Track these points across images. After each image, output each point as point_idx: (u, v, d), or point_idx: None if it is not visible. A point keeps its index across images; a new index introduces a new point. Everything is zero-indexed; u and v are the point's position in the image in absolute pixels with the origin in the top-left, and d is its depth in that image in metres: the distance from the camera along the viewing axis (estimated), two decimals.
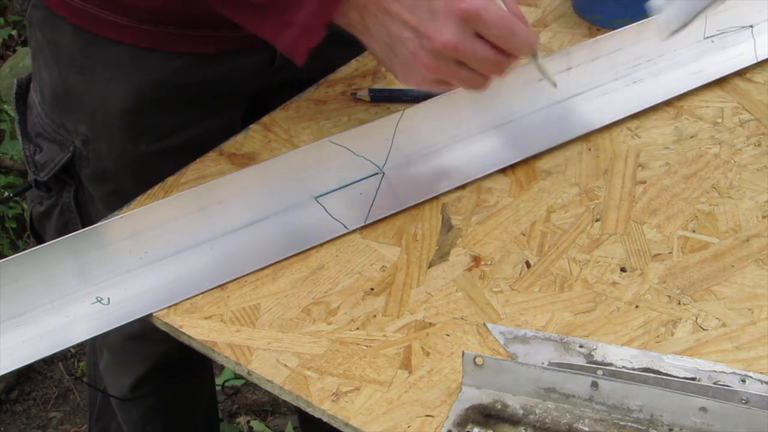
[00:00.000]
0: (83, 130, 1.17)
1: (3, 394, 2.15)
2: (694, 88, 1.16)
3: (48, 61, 1.17)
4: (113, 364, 1.42)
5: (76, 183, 1.23)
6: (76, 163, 1.20)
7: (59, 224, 1.25)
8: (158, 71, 1.13)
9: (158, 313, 0.96)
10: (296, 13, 0.94)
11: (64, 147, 1.19)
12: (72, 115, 1.17)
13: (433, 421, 0.85)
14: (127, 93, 1.13)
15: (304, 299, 0.96)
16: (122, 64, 1.12)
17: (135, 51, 1.12)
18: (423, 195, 1.05)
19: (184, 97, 1.16)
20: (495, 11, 0.90)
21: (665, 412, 0.81)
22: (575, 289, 0.95)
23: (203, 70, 1.14)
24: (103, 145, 1.17)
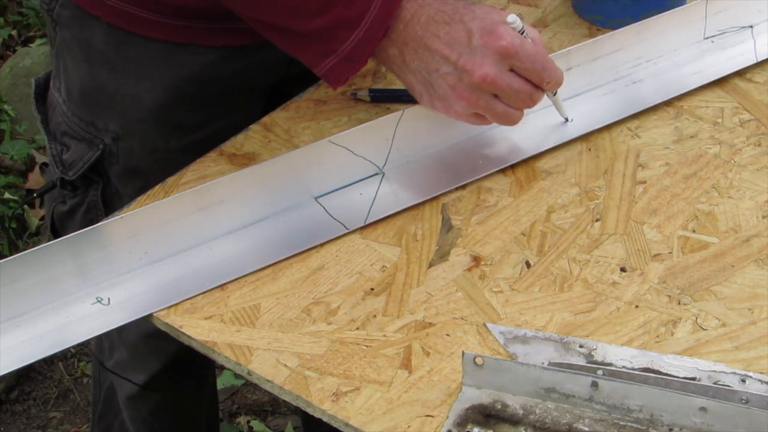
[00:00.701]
0: (114, 128, 1.19)
1: (3, 394, 2.15)
2: (694, 88, 1.16)
3: (78, 59, 1.18)
4: (129, 360, 1.42)
5: (103, 181, 1.24)
6: (105, 160, 1.21)
7: (84, 222, 1.26)
8: (188, 67, 1.15)
9: (158, 313, 0.96)
10: (341, 44, 1.01)
11: (93, 145, 1.20)
12: (103, 113, 1.19)
13: (433, 421, 0.85)
14: (159, 90, 1.15)
15: (304, 299, 0.96)
16: (154, 62, 1.14)
17: (167, 48, 1.13)
18: (423, 195, 1.05)
19: (212, 92, 1.17)
20: (530, 48, 0.98)
21: (665, 412, 0.81)
22: (575, 289, 0.95)
23: (230, 63, 1.16)
24: (135, 142, 1.19)
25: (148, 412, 1.50)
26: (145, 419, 1.51)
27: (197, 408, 1.60)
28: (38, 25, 3.00)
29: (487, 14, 0.99)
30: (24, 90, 2.64)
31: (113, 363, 1.45)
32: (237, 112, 1.21)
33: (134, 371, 1.43)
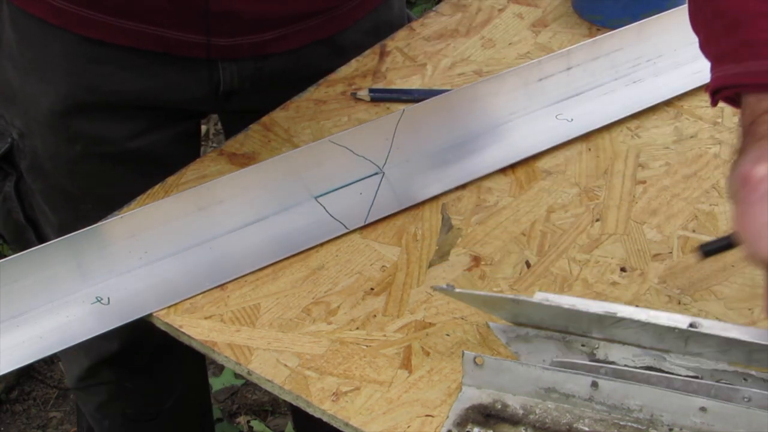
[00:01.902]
0: (18, 124, 1.18)
1: (3, 394, 2.15)
2: (694, 88, 1.16)
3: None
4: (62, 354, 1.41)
5: (17, 174, 1.23)
6: (15, 154, 1.20)
7: (3, 211, 1.26)
8: (88, 77, 1.12)
9: (158, 313, 0.96)
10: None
11: (4, 137, 1.20)
12: (10, 108, 1.18)
13: (433, 421, 0.85)
14: (55, 95, 1.13)
15: (304, 299, 0.96)
16: (52, 64, 1.12)
17: (68, 48, 1.11)
18: (423, 195, 1.05)
19: (122, 106, 1.15)
20: None
21: (665, 412, 0.81)
22: (575, 289, 0.95)
23: (135, 80, 1.13)
24: (37, 143, 1.18)
25: (95, 408, 1.47)
26: (93, 415, 1.49)
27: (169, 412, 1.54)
28: None
29: None
30: None
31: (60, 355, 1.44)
32: (162, 130, 1.19)
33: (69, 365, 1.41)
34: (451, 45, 1.25)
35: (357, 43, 1.22)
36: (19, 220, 1.26)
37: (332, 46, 1.21)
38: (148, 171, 1.10)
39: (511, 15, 1.29)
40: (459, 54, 1.24)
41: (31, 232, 1.27)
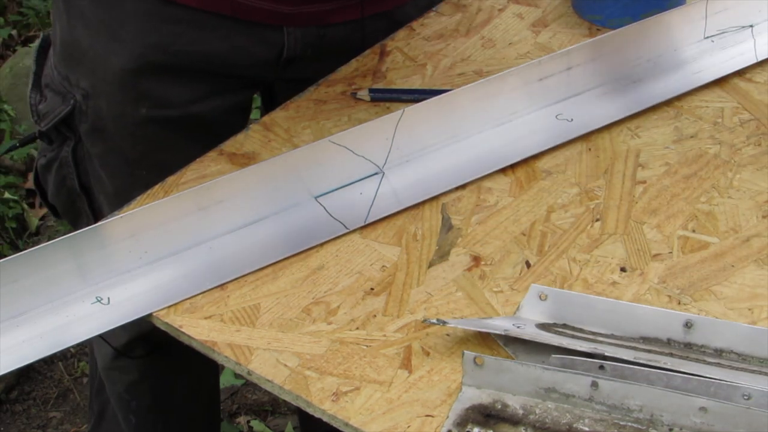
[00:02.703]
0: (84, 85, 1.18)
1: (3, 394, 2.15)
2: (694, 88, 1.16)
3: (60, 11, 1.18)
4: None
5: (75, 138, 1.23)
6: (76, 117, 1.20)
7: (58, 178, 1.26)
8: (159, 35, 1.14)
9: (158, 313, 0.96)
10: None
11: (66, 99, 1.20)
12: (76, 69, 1.19)
13: (433, 421, 0.85)
14: (127, 54, 1.14)
15: (304, 299, 0.96)
16: (126, 25, 1.13)
17: (140, 8, 1.12)
18: (423, 195, 1.05)
19: (188, 68, 1.16)
20: None
21: (665, 412, 0.81)
22: (575, 289, 0.95)
23: (205, 41, 1.15)
24: (102, 103, 1.18)
25: (124, 388, 1.47)
26: (121, 396, 1.48)
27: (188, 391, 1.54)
28: (38, 25, 3.00)
29: None
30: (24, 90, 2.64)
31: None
32: (219, 98, 1.20)
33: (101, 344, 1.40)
34: (451, 45, 1.25)
35: (413, 18, 1.25)
36: (73, 187, 1.26)
37: (390, 21, 1.24)
38: (203, 139, 1.12)
39: (511, 15, 1.29)
40: (459, 54, 1.24)
41: (84, 201, 1.27)
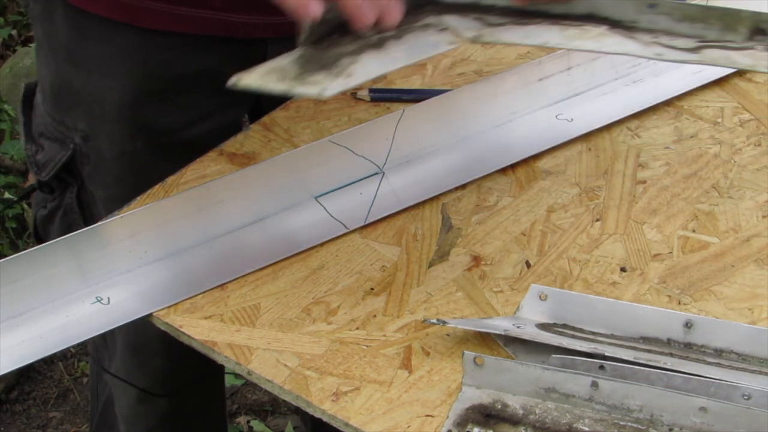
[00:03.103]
0: (82, 127, 1.17)
1: (3, 394, 2.15)
2: (694, 88, 1.16)
3: (47, 56, 1.17)
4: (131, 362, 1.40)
5: (78, 183, 1.21)
6: (77, 160, 1.19)
7: (63, 226, 1.24)
8: (151, 63, 1.13)
9: (158, 313, 0.96)
10: None
11: (65, 145, 1.18)
12: (71, 111, 1.17)
13: (433, 421, 0.85)
14: (122, 88, 1.13)
15: (304, 299, 0.96)
16: (116, 58, 1.12)
17: (129, 40, 1.11)
18: (423, 195, 1.05)
19: (180, 92, 1.15)
20: None
21: (665, 412, 0.81)
22: (575, 288, 0.95)
23: (195, 59, 1.14)
24: (103, 142, 1.17)
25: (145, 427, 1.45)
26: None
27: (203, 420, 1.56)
28: None
29: None
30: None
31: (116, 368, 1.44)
32: (219, 116, 1.18)
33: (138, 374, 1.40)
34: None
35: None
36: None
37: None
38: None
39: None
40: (459, 54, 1.24)
41: None
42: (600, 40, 0.93)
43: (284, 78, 0.85)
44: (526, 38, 0.93)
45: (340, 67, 0.86)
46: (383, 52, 0.89)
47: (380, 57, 0.89)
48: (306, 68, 0.86)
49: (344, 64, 0.87)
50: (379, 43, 0.89)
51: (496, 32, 0.93)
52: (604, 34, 0.93)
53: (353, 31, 0.87)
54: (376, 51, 0.89)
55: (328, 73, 0.86)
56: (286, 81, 0.84)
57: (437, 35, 0.91)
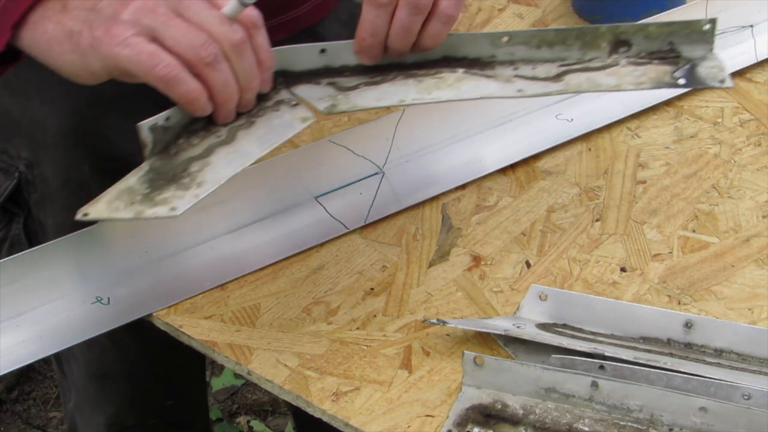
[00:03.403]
0: (26, 155, 1.13)
1: (3, 394, 2.15)
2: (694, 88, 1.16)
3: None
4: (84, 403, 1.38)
5: (25, 213, 1.18)
6: (24, 189, 1.15)
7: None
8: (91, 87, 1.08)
9: (158, 313, 0.96)
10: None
11: (9, 174, 1.14)
12: (13, 140, 1.13)
13: (433, 421, 0.85)
14: (62, 113, 1.09)
15: (304, 299, 0.96)
16: (52, 83, 1.05)
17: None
18: (423, 195, 1.05)
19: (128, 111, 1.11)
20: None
21: (665, 412, 0.81)
22: (575, 288, 0.95)
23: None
24: (48, 170, 1.13)
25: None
26: None
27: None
28: None
29: None
30: None
31: (72, 406, 1.41)
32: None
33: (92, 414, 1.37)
34: None
35: (338, 35, 1.22)
36: None
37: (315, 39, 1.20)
38: None
39: (511, 15, 1.29)
40: None
41: None
42: (458, 87, 0.91)
43: (133, 201, 0.81)
44: (380, 100, 0.91)
45: (190, 176, 0.83)
46: (234, 147, 0.85)
47: (232, 155, 0.85)
48: (154, 185, 0.83)
49: (194, 172, 0.83)
50: (229, 137, 0.86)
51: (350, 97, 0.91)
52: (461, 78, 0.91)
53: (200, 129, 0.84)
54: (226, 147, 0.85)
55: (177, 186, 0.82)
56: (135, 205, 0.81)
57: (290, 113, 0.89)
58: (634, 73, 0.92)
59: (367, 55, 0.91)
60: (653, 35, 0.92)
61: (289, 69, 0.90)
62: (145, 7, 0.79)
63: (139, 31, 0.79)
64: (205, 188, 0.82)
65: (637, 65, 0.93)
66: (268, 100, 0.89)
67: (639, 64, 0.93)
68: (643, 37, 0.93)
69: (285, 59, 0.90)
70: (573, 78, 0.92)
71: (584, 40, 0.93)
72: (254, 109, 0.87)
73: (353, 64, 0.91)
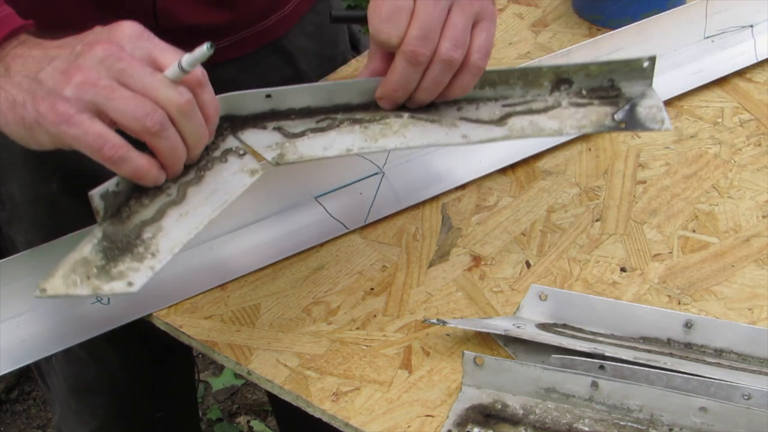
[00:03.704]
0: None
1: (3, 394, 2.15)
2: (694, 88, 1.16)
3: None
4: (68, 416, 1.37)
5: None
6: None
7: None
8: None
9: (158, 313, 0.96)
10: None
11: None
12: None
13: (433, 421, 0.85)
14: None
15: (304, 299, 0.96)
16: None
17: None
18: (423, 195, 1.05)
19: None
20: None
21: (665, 412, 0.81)
22: (575, 288, 0.95)
23: None
24: (14, 188, 1.13)
25: None
26: None
27: None
28: None
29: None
30: None
31: (57, 419, 1.40)
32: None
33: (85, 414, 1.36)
34: None
35: (303, 48, 1.22)
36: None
37: (280, 52, 1.20)
38: None
39: (511, 15, 1.29)
40: None
41: None
42: (404, 134, 0.90)
43: (89, 274, 0.80)
44: (328, 149, 0.90)
45: (144, 244, 0.82)
46: (185, 207, 0.85)
47: (183, 218, 0.84)
48: (109, 255, 0.82)
49: (147, 238, 0.83)
50: (180, 195, 0.85)
51: (297, 145, 0.90)
52: (406, 125, 0.91)
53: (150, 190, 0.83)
54: (177, 208, 0.84)
55: (132, 256, 0.82)
56: (92, 279, 0.80)
57: (239, 164, 0.87)
58: (575, 115, 0.94)
59: (390, 103, 0.91)
60: (594, 73, 0.95)
61: (236, 113, 0.89)
62: (87, 81, 0.77)
63: (83, 107, 0.77)
64: (160, 259, 0.82)
65: (578, 106, 0.94)
66: (215, 149, 0.87)
67: (580, 105, 0.94)
68: (584, 75, 0.94)
69: (231, 105, 0.88)
70: (516, 122, 0.93)
71: (526, 79, 0.94)
72: (202, 160, 0.86)
73: (299, 107, 0.91)
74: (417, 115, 0.91)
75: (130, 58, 0.78)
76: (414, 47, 0.85)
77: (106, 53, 0.78)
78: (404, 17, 0.86)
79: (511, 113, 0.94)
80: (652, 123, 0.95)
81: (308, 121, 0.91)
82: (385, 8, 0.86)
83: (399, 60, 0.86)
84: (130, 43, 0.79)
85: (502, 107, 0.94)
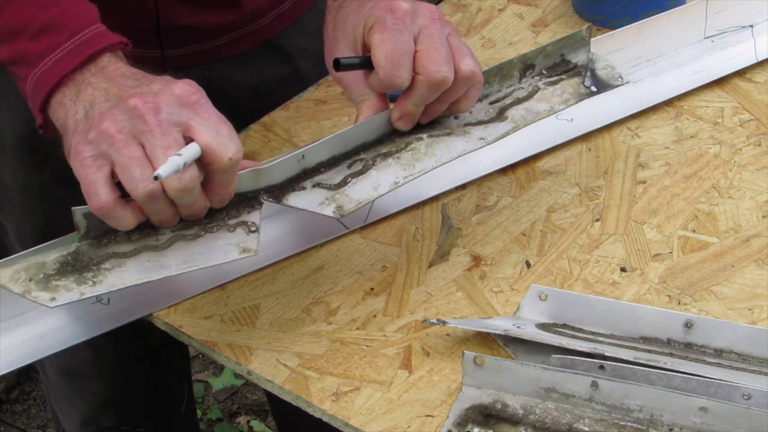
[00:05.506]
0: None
1: (3, 394, 2.15)
2: (694, 88, 1.16)
3: None
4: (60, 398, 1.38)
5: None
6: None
7: None
8: None
9: (158, 313, 0.96)
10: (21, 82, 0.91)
11: None
12: None
13: (433, 421, 0.85)
14: (20, 121, 1.09)
15: (304, 299, 0.96)
16: (12, 91, 1.03)
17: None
18: (423, 195, 1.05)
19: None
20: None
21: (665, 412, 0.81)
22: (575, 289, 0.95)
23: None
24: (6, 175, 1.14)
25: None
26: None
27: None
28: None
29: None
30: None
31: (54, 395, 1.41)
32: None
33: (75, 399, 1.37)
34: None
35: (303, 47, 1.22)
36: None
37: (278, 52, 1.21)
38: None
39: (511, 15, 1.29)
40: None
41: None
42: (433, 153, 0.94)
43: (32, 278, 0.82)
44: (378, 188, 0.92)
45: (95, 273, 0.83)
46: (160, 256, 0.86)
47: (149, 265, 0.85)
48: (63, 269, 0.83)
49: (103, 269, 0.84)
50: (166, 244, 0.86)
51: (348, 194, 0.91)
52: (430, 144, 0.95)
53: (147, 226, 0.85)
54: (153, 255, 0.85)
55: (77, 278, 0.83)
56: (31, 282, 0.82)
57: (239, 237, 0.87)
58: (556, 93, 1.00)
59: (410, 122, 0.94)
60: (550, 53, 1.00)
61: (271, 183, 0.90)
62: (108, 131, 0.81)
63: (96, 153, 0.82)
64: (94, 289, 0.83)
65: (554, 84, 1.00)
66: (234, 217, 0.88)
67: (555, 83, 1.00)
68: (543, 56, 1.00)
69: (263, 177, 0.89)
70: (514, 113, 0.98)
71: (502, 74, 0.99)
72: (213, 221, 0.88)
73: (326, 159, 0.93)
74: (434, 133, 0.95)
75: (157, 123, 0.81)
76: (446, 75, 0.89)
77: (140, 110, 0.81)
78: (408, 59, 0.90)
79: (504, 107, 0.98)
80: (614, 80, 1.03)
81: (340, 169, 0.93)
82: (390, 53, 0.89)
83: (421, 86, 0.90)
84: (170, 106, 0.82)
85: (490, 105, 0.98)
